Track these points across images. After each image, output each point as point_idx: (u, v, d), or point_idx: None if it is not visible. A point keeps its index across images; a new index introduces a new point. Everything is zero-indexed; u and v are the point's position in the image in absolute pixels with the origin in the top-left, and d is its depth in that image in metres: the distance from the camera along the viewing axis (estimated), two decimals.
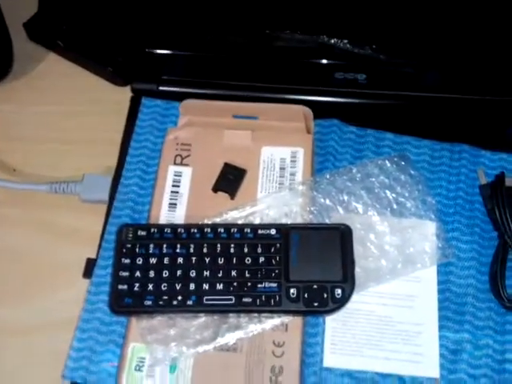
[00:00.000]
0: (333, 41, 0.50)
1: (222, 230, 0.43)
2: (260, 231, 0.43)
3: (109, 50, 0.55)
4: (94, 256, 0.47)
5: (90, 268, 0.46)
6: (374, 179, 0.47)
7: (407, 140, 0.50)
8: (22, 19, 0.57)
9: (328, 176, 0.47)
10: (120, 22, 0.55)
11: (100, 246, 0.47)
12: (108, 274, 0.45)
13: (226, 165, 0.47)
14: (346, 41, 0.50)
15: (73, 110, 0.55)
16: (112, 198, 0.49)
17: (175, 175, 0.48)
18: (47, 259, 0.49)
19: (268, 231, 0.43)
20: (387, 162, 0.48)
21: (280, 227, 0.43)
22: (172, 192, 0.47)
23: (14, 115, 0.55)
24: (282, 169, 0.48)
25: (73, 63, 0.57)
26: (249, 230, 0.43)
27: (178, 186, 0.47)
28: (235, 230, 0.43)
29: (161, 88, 0.53)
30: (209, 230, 0.43)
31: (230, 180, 0.47)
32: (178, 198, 0.47)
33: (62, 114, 0.55)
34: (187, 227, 0.43)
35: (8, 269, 0.48)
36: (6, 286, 0.48)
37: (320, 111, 0.50)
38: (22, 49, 0.56)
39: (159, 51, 0.52)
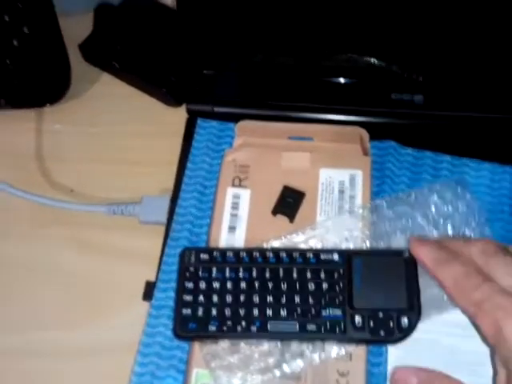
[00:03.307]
0: (384, 64, 0.50)
1: (285, 255, 0.43)
2: (322, 256, 0.43)
3: (162, 71, 0.56)
4: (153, 278, 0.47)
5: (149, 291, 0.46)
6: (432, 205, 0.46)
7: (466, 162, 0.50)
8: (77, 40, 0.58)
9: (387, 200, 0.46)
10: (174, 43, 0.55)
11: (159, 268, 0.47)
12: (168, 297, 0.46)
13: (285, 187, 0.47)
14: (396, 65, 0.50)
15: (128, 130, 0.55)
16: (170, 219, 0.49)
17: (234, 197, 0.48)
18: (105, 281, 0.49)
19: (331, 256, 0.42)
20: (444, 187, 0.46)
21: (343, 252, 0.43)
22: (231, 215, 0.47)
23: (69, 136, 0.56)
24: (341, 192, 0.47)
25: (126, 84, 0.58)
26: (311, 255, 0.43)
27: (237, 209, 0.47)
28: (297, 254, 0.43)
29: (216, 109, 0.54)
30: (271, 254, 0.43)
31: (289, 203, 0.47)
32: (237, 221, 0.47)
33: (117, 135, 0.55)
34: (249, 251, 0.43)
35: (65, 291, 0.49)
36: (63, 309, 0.48)
37: (376, 132, 0.50)
38: (76, 70, 0.57)
39: (215, 73, 0.52)
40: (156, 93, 0.56)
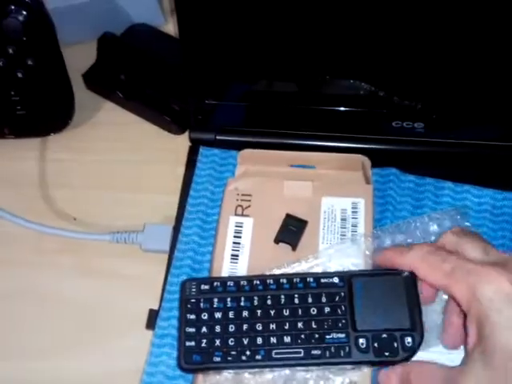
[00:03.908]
0: (385, 92, 0.51)
1: (285, 281, 0.43)
2: (323, 280, 0.42)
3: (165, 99, 0.56)
4: (155, 306, 0.47)
5: (152, 319, 0.47)
6: (431, 235, 0.45)
7: (467, 189, 0.50)
8: (79, 69, 0.59)
9: (388, 229, 0.46)
10: (177, 72, 0.56)
11: (162, 297, 0.47)
12: (171, 326, 0.46)
13: (288, 216, 0.47)
14: (396, 93, 0.51)
15: (131, 158, 0.56)
16: (173, 247, 0.49)
17: (236, 226, 0.48)
18: (107, 309, 0.49)
19: (331, 279, 0.42)
20: (444, 215, 0.46)
21: (343, 275, 0.43)
22: (234, 243, 0.47)
23: (73, 164, 0.56)
24: (344, 220, 0.47)
25: (129, 112, 0.58)
26: (311, 280, 0.42)
27: (240, 237, 0.47)
28: (298, 280, 0.43)
29: (218, 137, 0.54)
30: (271, 281, 0.43)
31: (292, 231, 0.47)
32: (239, 250, 0.47)
33: (120, 163, 0.56)
34: (250, 279, 0.43)
35: (67, 319, 0.49)
36: (64, 337, 0.48)
37: (377, 159, 0.51)
38: (79, 98, 0.57)
39: (217, 102, 0.53)
40: (159, 121, 0.57)
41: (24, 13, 0.48)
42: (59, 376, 0.47)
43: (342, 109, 0.52)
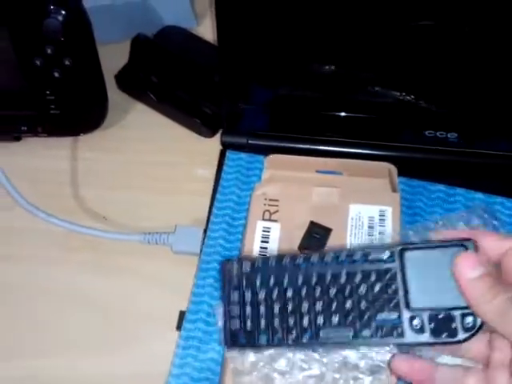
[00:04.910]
0: (413, 98, 0.50)
1: (330, 259, 0.39)
2: (372, 256, 0.39)
3: (197, 102, 0.57)
4: (186, 308, 0.47)
5: (183, 321, 0.47)
6: None
7: (499, 201, 0.50)
8: (111, 69, 0.59)
9: (414, 229, 0.43)
10: (208, 75, 0.56)
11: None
12: (197, 329, 0.46)
13: (312, 223, 0.47)
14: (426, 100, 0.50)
15: (162, 160, 0.56)
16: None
17: (264, 231, 0.48)
18: (136, 310, 0.49)
19: (380, 255, 0.38)
20: (471, 214, 0.44)
21: (393, 249, 0.38)
22: (261, 248, 0.47)
23: (103, 164, 0.57)
24: (371, 227, 0.47)
25: (160, 114, 0.59)
26: (359, 256, 0.39)
27: (267, 242, 0.48)
28: (344, 256, 0.38)
29: (250, 141, 0.54)
30: (316, 258, 0.39)
31: (316, 239, 0.47)
32: (267, 254, 0.47)
33: (151, 164, 0.56)
34: (293, 256, 0.40)
35: (98, 318, 0.49)
36: (90, 336, 0.48)
37: (409, 168, 0.51)
38: (110, 98, 0.57)
39: (250, 106, 0.53)
40: (190, 123, 0.57)
41: (63, 12, 0.48)
42: (86, 375, 0.47)
43: (375, 116, 0.52)
